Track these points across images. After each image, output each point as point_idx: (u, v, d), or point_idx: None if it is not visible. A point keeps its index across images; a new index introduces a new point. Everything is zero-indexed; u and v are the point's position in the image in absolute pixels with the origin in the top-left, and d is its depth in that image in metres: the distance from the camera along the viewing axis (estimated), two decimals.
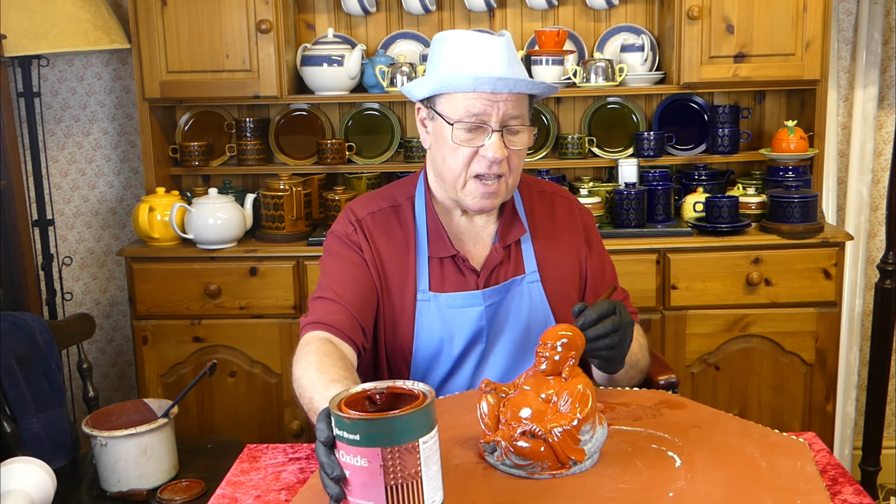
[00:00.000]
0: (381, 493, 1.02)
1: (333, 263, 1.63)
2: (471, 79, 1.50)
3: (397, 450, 1.02)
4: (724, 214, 2.67)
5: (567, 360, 1.26)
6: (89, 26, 2.75)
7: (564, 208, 1.76)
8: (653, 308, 2.66)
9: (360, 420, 1.01)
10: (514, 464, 1.20)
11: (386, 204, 1.68)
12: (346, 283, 1.58)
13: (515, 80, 1.51)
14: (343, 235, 1.65)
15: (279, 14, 2.76)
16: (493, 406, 1.25)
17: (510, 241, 1.67)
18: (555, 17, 3.03)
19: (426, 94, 1.58)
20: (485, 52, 1.52)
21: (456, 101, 1.53)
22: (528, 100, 1.59)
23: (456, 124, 1.53)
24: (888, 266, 2.62)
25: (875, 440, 2.72)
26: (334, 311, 1.54)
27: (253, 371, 2.73)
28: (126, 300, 3.18)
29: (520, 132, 1.56)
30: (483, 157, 1.54)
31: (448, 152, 1.56)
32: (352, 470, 1.03)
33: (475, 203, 1.59)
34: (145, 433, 2.05)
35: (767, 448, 1.26)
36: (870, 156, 3.03)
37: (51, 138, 3.14)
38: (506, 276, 1.66)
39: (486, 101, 1.51)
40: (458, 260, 1.64)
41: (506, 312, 1.65)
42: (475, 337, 1.64)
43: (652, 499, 1.13)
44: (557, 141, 3.01)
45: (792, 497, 1.12)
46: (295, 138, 3.09)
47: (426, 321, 1.62)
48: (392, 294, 1.62)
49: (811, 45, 2.72)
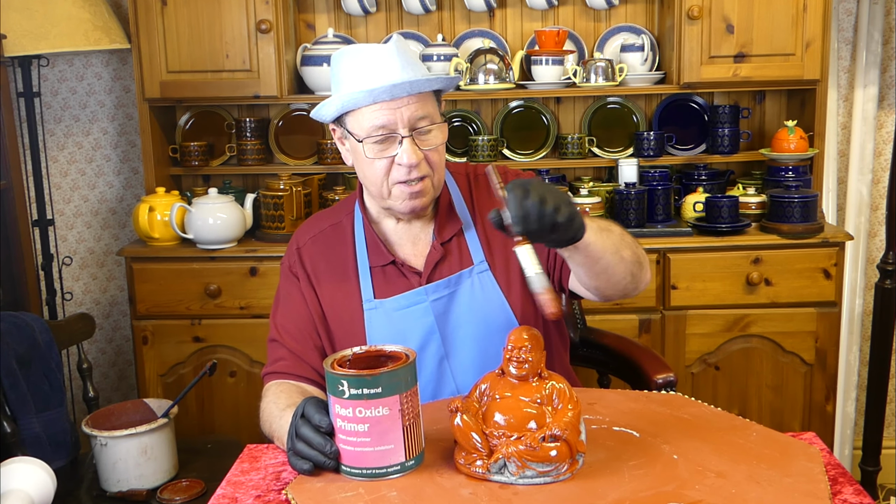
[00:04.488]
0: (400, 435, 1.21)
1: (279, 301, 1.70)
2: (365, 93, 1.50)
3: (408, 394, 1.21)
4: (724, 214, 2.67)
5: (541, 360, 1.25)
6: (89, 26, 2.75)
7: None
8: (653, 308, 2.66)
9: (382, 373, 1.19)
10: (537, 472, 1.19)
11: (327, 223, 1.72)
12: (290, 324, 1.65)
13: (409, 81, 1.50)
14: (286, 266, 1.71)
15: (279, 14, 2.76)
16: (475, 425, 1.22)
17: (447, 236, 1.65)
18: (555, 17, 3.03)
19: (333, 116, 1.58)
20: (376, 62, 1.52)
21: (361, 116, 1.53)
22: (433, 97, 1.58)
23: (365, 140, 1.53)
24: (888, 266, 2.62)
25: (875, 440, 2.72)
26: (283, 356, 1.63)
27: (253, 371, 2.73)
28: (126, 300, 3.18)
29: (431, 131, 1.56)
30: (399, 166, 1.54)
31: (366, 167, 1.57)
32: (372, 422, 1.20)
33: (405, 206, 1.59)
34: (145, 433, 2.05)
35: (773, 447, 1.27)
36: (870, 156, 3.03)
37: (51, 138, 3.14)
38: (451, 271, 1.64)
39: (387, 110, 1.51)
40: (398, 265, 1.64)
41: (458, 306, 1.63)
42: (428, 335, 1.62)
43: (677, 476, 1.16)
44: (557, 141, 3.01)
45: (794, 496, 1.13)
46: (295, 138, 3.09)
47: (376, 328, 1.62)
48: (338, 311, 1.64)
49: (811, 45, 2.72)
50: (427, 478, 1.22)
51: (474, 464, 1.21)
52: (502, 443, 1.20)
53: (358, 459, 1.22)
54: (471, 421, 1.22)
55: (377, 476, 1.22)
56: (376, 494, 1.19)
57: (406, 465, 1.22)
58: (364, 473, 1.22)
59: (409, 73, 1.52)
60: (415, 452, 1.24)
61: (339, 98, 1.53)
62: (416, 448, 1.24)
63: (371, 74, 1.51)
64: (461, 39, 3.02)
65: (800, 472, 1.21)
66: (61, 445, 2.16)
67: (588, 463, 1.23)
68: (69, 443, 2.18)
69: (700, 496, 1.14)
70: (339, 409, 1.22)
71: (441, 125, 1.58)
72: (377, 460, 1.21)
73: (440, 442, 1.31)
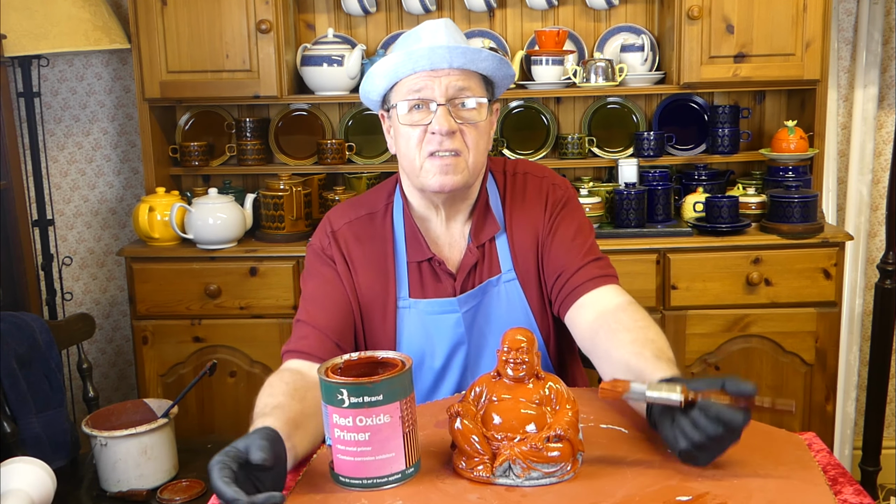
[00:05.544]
0: (400, 443, 1.19)
1: (310, 282, 1.61)
2: (404, 55, 1.47)
3: (407, 401, 1.19)
4: (724, 214, 2.67)
5: (537, 360, 1.23)
6: (89, 26, 2.75)
7: (535, 187, 1.65)
8: (653, 308, 2.66)
9: (384, 380, 1.16)
10: (543, 473, 1.18)
11: (364, 211, 1.65)
12: (322, 305, 1.56)
13: (448, 47, 1.46)
14: (319, 249, 1.63)
15: (279, 14, 2.76)
16: (476, 429, 1.20)
17: (483, 239, 1.60)
18: (555, 17, 3.03)
19: (378, 92, 1.56)
20: (426, 34, 1.50)
21: (401, 86, 1.51)
22: (480, 79, 1.54)
23: (399, 105, 1.51)
24: (888, 266, 2.62)
25: (875, 440, 2.72)
26: (310, 336, 1.53)
27: (253, 371, 2.73)
28: (126, 300, 3.18)
29: (471, 106, 1.51)
30: (432, 134, 1.49)
31: (402, 140, 1.53)
32: (373, 431, 1.17)
33: (435, 181, 1.51)
34: (145, 433, 2.05)
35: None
36: (870, 156, 3.03)
37: (51, 138, 3.14)
38: (480, 279, 1.60)
39: (425, 77, 1.48)
40: (435, 263, 1.59)
41: (485, 316, 1.60)
42: (456, 344, 1.59)
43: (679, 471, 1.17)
44: (557, 141, 3.01)
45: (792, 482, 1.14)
46: (295, 138, 3.09)
47: (407, 328, 1.59)
48: (372, 304, 1.59)
49: (811, 45, 2.72)
50: (429, 485, 1.20)
51: (476, 468, 1.19)
52: (506, 445, 1.19)
53: (357, 469, 1.19)
54: (471, 424, 1.20)
55: (377, 485, 1.19)
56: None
57: (406, 472, 1.20)
58: (364, 484, 1.19)
59: (453, 43, 1.48)
60: (414, 459, 1.21)
61: (381, 65, 1.50)
62: (415, 455, 1.22)
63: (416, 46, 1.49)
64: None
65: (792, 460, 1.22)
66: (61, 445, 2.16)
67: (586, 462, 1.23)
68: (69, 443, 2.18)
69: (705, 488, 1.14)
70: (337, 418, 1.18)
71: (485, 106, 1.52)
72: (377, 469, 1.19)
73: (428, 447, 1.30)
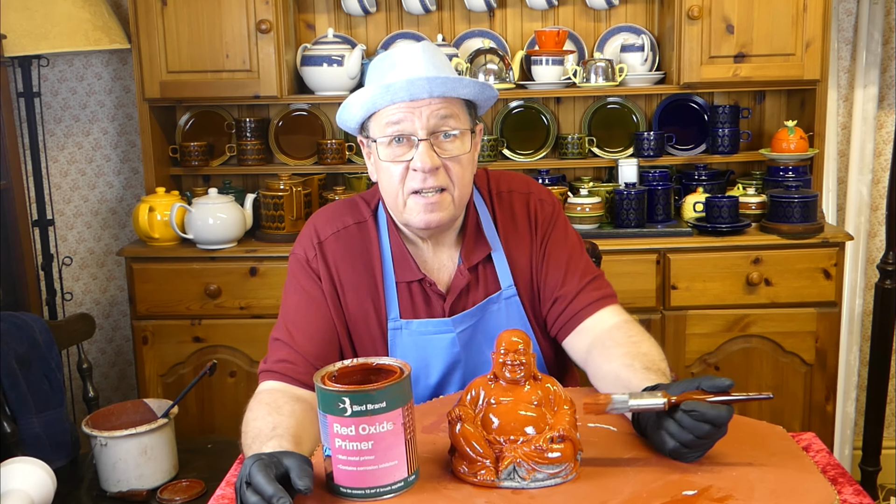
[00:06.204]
0: (403, 450, 1.16)
1: (293, 296, 1.54)
2: (382, 88, 1.38)
3: (408, 407, 1.16)
4: (724, 214, 2.67)
5: (533, 362, 1.23)
6: (89, 26, 2.75)
7: (522, 206, 1.61)
8: (653, 308, 2.66)
9: (386, 387, 1.13)
10: (548, 474, 1.17)
11: (351, 220, 1.57)
12: (303, 329, 1.50)
13: (428, 78, 1.38)
14: (304, 260, 1.55)
15: (279, 14, 2.76)
16: (478, 433, 1.19)
17: (475, 261, 1.55)
18: (555, 17, 3.03)
19: (355, 120, 1.48)
20: (399, 61, 1.42)
21: (380, 117, 1.44)
22: (464, 106, 1.47)
23: (379, 140, 1.44)
24: (888, 266, 2.62)
25: (875, 440, 2.72)
26: (289, 359, 1.47)
27: (253, 371, 2.73)
28: (126, 300, 3.18)
29: (455, 138, 1.44)
30: (414, 171, 1.43)
31: (383, 175, 1.47)
32: (376, 439, 1.14)
33: (420, 219, 1.46)
34: (145, 433, 2.05)
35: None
36: (870, 156, 3.03)
37: (51, 138, 3.14)
38: (476, 300, 1.55)
39: (406, 110, 1.41)
40: (426, 284, 1.54)
41: (483, 334, 1.55)
42: (452, 364, 1.55)
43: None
44: (557, 141, 3.01)
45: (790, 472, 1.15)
46: (295, 138, 3.09)
47: (400, 350, 1.53)
48: (361, 324, 1.54)
49: (811, 45, 2.72)
50: (433, 492, 1.18)
51: (479, 472, 1.18)
52: (509, 447, 1.18)
53: (360, 479, 1.16)
54: (472, 428, 1.19)
55: (380, 495, 1.16)
56: None
57: (408, 480, 1.18)
58: (367, 493, 1.16)
59: (433, 73, 1.41)
60: (415, 467, 1.19)
61: (358, 96, 1.43)
62: (416, 462, 1.20)
63: (392, 73, 1.41)
64: (461, 39, 3.02)
65: (781, 450, 1.23)
66: (61, 445, 2.16)
67: (585, 461, 1.23)
68: (69, 443, 2.18)
69: (707, 482, 1.14)
70: (338, 428, 1.14)
71: (468, 135, 1.46)
72: (380, 478, 1.16)
73: (421, 453, 1.27)
